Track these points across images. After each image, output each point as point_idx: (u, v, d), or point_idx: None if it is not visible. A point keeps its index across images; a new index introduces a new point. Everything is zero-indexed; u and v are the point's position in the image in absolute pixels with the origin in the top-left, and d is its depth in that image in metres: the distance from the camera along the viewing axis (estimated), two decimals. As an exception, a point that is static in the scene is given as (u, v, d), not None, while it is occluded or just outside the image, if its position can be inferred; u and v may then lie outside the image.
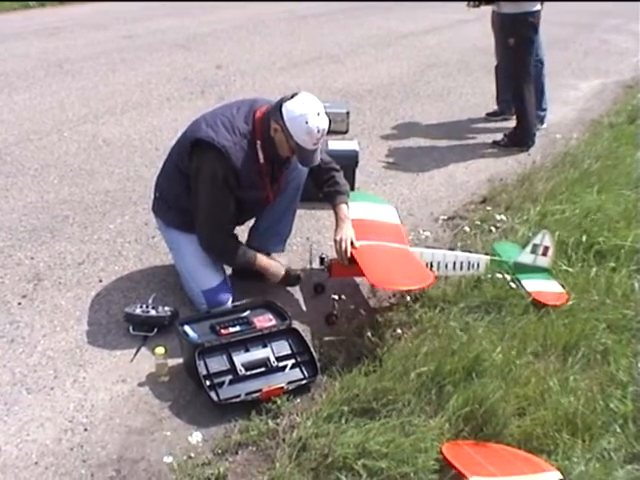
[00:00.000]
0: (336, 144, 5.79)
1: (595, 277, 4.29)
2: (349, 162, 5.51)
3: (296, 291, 4.36)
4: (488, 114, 7.93)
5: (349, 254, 3.95)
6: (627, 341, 3.79)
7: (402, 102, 8.59)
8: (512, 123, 7.23)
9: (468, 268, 4.25)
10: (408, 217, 5.38)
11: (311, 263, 4.24)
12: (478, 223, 5.20)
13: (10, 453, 3.10)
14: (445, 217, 5.44)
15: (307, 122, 3.73)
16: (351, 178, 5.52)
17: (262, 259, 4.13)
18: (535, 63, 6.98)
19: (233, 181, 3.88)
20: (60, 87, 8.75)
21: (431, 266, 4.15)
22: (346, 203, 4.17)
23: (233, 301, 4.06)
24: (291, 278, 4.27)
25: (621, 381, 3.46)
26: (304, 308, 4.23)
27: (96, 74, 9.41)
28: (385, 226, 4.41)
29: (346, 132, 7.16)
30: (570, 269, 4.39)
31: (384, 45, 11.80)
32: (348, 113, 7.23)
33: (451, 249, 4.64)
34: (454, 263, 4.23)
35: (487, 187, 6.00)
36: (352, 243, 3.98)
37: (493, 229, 5.06)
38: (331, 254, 4.17)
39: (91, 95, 8.44)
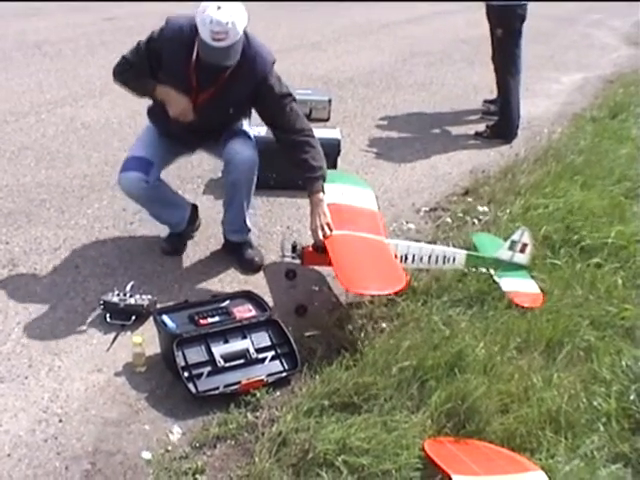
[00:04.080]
0: (318, 132, 5.67)
1: (579, 272, 4.26)
2: (331, 150, 5.44)
3: (277, 281, 4.30)
4: (486, 101, 7.85)
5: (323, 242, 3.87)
6: (610, 338, 3.76)
7: (384, 91, 8.54)
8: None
9: (444, 262, 4.15)
10: (390, 207, 5.34)
11: (283, 252, 4.15)
12: (460, 215, 5.16)
13: (-18, 444, 3.03)
14: (427, 208, 5.40)
15: (204, 12, 3.70)
16: (333, 167, 5.47)
17: (161, 87, 4.08)
18: None
19: (157, 49, 4.02)
20: (38, 68, 8.61)
21: (406, 258, 4.08)
22: (321, 190, 4.00)
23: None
24: None
25: (604, 379, 3.43)
26: (284, 299, 4.15)
27: (75, 56, 9.29)
28: (362, 213, 4.27)
29: (327, 120, 7.10)
30: (557, 261, 4.38)
31: (366, 33, 11.75)
32: (330, 101, 7.16)
33: (433, 242, 4.61)
34: (429, 256, 4.14)
35: (469, 179, 5.96)
36: (330, 228, 3.87)
37: (476, 221, 5.03)
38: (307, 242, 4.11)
39: (70, 77, 8.32)
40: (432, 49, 10.76)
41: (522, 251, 4.20)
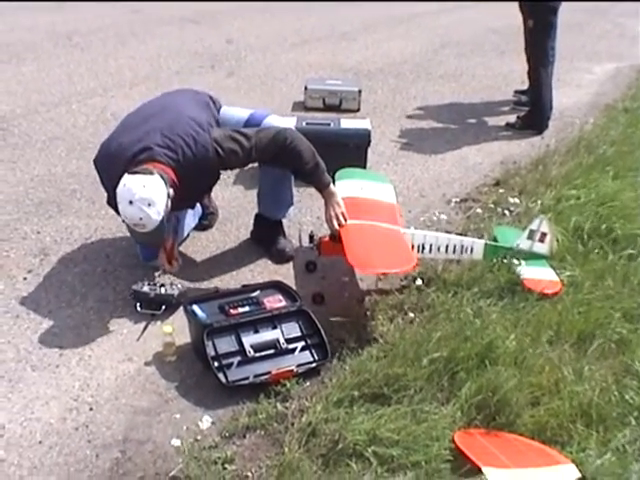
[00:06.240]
0: (349, 122, 5.73)
1: (611, 264, 4.22)
2: (362, 141, 5.46)
3: (306, 271, 4.29)
4: (517, 92, 7.78)
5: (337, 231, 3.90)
6: (642, 331, 3.72)
7: (414, 82, 8.50)
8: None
9: (461, 252, 4.13)
10: (420, 198, 5.32)
11: (300, 242, 4.15)
12: (492, 206, 5.13)
13: (14, 431, 3.05)
14: (458, 199, 5.36)
15: (119, 200, 3.60)
16: (363, 157, 5.47)
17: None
18: None
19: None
20: (69, 59, 8.67)
21: (423, 248, 4.06)
22: (329, 182, 4.01)
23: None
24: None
25: (637, 372, 3.39)
26: (313, 289, 4.10)
27: (105, 47, 9.32)
28: (379, 205, 4.29)
29: (358, 110, 7.11)
30: (589, 253, 4.33)
31: (396, 23, 11.68)
32: (360, 91, 7.17)
33: (463, 233, 4.58)
34: (447, 246, 4.10)
35: (500, 170, 5.91)
36: (344, 217, 3.91)
37: (507, 213, 5.00)
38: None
39: (100, 68, 8.36)
40: (462, 39, 10.68)
41: (541, 240, 4.15)
